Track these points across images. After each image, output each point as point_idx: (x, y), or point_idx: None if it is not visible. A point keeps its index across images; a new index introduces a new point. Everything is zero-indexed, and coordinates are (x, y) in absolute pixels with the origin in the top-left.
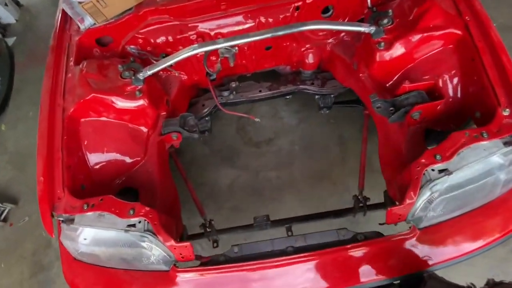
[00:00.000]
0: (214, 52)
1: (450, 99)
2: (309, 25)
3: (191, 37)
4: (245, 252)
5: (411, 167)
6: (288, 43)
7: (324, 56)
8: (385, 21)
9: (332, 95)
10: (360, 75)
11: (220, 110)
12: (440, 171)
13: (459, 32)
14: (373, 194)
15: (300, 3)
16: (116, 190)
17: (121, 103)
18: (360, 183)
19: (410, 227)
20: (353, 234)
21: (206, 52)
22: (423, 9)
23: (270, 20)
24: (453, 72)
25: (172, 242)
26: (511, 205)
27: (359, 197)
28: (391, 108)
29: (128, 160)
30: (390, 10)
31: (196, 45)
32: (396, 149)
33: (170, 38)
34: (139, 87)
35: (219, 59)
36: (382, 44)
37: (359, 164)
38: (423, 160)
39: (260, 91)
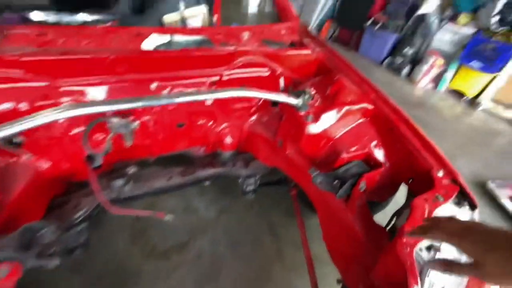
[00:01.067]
0: (102, 126)
1: (383, 168)
2: (234, 92)
3: None
4: None
5: (397, 252)
6: (204, 121)
7: (242, 137)
8: (306, 97)
9: (257, 176)
10: (287, 152)
11: (107, 211)
12: (427, 248)
13: (371, 106)
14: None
15: (216, 78)
16: None
17: None
18: (312, 283)
19: None
20: None
21: (88, 126)
22: (336, 88)
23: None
24: (376, 142)
25: None
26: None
27: None
28: (336, 181)
29: None
30: (308, 88)
31: (65, 105)
32: (347, 228)
33: (23, 105)
34: None
35: (109, 136)
36: (310, 117)
37: (301, 255)
38: (405, 240)
39: (170, 178)
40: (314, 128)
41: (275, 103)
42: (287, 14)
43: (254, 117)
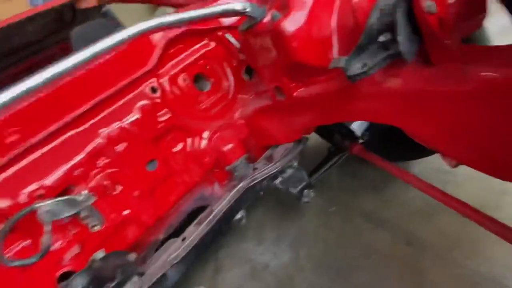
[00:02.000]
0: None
1: None
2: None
3: None
4: None
5: None
6: (180, 144)
7: (242, 133)
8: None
9: (295, 165)
10: (295, 94)
11: None
12: None
13: None
14: None
15: (154, 82)
16: None
17: None
18: None
19: None
20: None
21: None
22: None
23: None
24: None
25: None
26: None
27: None
28: (382, 36)
29: None
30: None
31: None
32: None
33: None
34: None
35: (47, 228)
36: (276, 14)
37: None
38: None
39: (183, 238)
40: (292, 23)
41: (248, 72)
42: None
43: (236, 103)
